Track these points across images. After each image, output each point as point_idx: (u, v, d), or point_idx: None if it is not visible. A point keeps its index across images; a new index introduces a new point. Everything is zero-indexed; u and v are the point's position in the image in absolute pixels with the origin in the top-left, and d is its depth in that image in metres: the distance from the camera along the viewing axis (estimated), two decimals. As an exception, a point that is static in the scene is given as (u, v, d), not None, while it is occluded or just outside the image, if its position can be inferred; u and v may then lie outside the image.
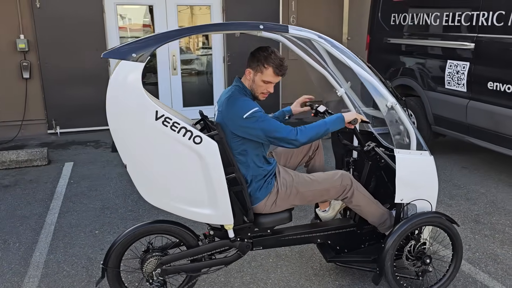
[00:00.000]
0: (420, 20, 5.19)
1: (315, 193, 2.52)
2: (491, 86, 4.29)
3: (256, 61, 2.36)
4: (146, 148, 2.15)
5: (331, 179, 2.52)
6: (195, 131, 2.16)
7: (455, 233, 2.57)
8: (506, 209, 3.85)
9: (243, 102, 2.30)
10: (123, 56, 2.02)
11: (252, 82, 2.40)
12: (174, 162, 2.19)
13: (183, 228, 2.47)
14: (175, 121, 2.12)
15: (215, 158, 2.21)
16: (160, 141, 2.14)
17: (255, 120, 2.26)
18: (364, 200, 2.57)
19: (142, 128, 2.11)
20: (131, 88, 2.04)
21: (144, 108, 2.08)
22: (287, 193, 2.46)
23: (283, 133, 2.27)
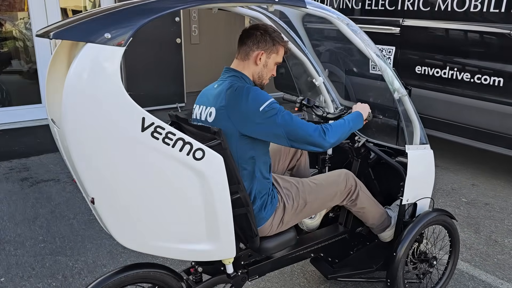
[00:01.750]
0: (344, 4, 5.08)
1: (323, 201, 2.11)
2: (418, 70, 4.37)
3: (270, 41, 1.90)
4: (125, 172, 1.48)
5: (337, 182, 2.15)
6: (196, 143, 1.56)
7: (455, 229, 2.43)
8: (444, 189, 3.97)
9: (256, 92, 1.77)
10: (90, 37, 1.32)
11: (264, 67, 1.93)
12: (166, 188, 1.57)
13: (164, 271, 1.84)
14: (169, 131, 1.49)
15: (220, 176, 1.64)
16: (147, 161, 1.49)
17: (274, 114, 1.75)
18: (368, 201, 2.26)
19: (120, 143, 1.43)
20: (106, 86, 1.35)
21: (126, 114, 1.41)
22: (294, 206, 2.01)
23: (309, 131, 1.79)
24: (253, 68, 1.92)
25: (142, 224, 1.58)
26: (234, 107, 1.76)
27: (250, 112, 1.74)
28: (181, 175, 1.56)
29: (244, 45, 1.90)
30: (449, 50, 4.12)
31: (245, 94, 1.76)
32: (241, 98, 1.76)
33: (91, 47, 1.32)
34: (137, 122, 1.42)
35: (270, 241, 2.00)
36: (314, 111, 2.41)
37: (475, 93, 3.95)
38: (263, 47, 1.89)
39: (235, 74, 1.90)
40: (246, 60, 1.91)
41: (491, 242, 3.09)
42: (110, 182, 1.47)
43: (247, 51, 1.90)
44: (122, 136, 1.42)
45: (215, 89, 1.88)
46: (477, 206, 3.64)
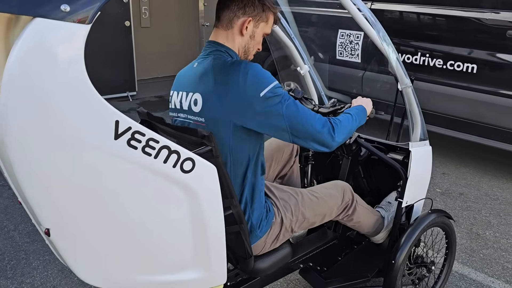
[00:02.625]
0: (304, -15, 4.80)
1: (320, 217, 1.84)
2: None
3: (260, 5, 1.53)
4: (93, 194, 1.11)
5: (334, 196, 1.88)
6: (184, 151, 1.21)
7: (452, 230, 2.27)
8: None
9: (256, 70, 1.40)
10: (40, 9, 0.93)
11: (251, 39, 1.56)
12: (145, 211, 1.22)
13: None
14: (152, 137, 1.13)
15: (213, 191, 1.31)
16: (122, 178, 1.13)
17: (278, 102, 1.40)
18: (365, 213, 2.03)
19: (87, 157, 1.06)
20: (63, 79, 0.97)
21: (93, 118, 1.03)
22: (293, 221, 1.71)
23: (318, 127, 1.46)
24: (239, 40, 1.54)
25: (113, 256, 1.23)
26: (227, 90, 1.39)
27: (248, 97, 1.38)
28: (165, 193, 1.22)
29: (227, 9, 1.51)
30: (419, 35, 3.98)
31: (242, 72, 1.39)
32: (237, 78, 1.38)
33: (41, 24, 0.93)
34: (108, 127, 1.06)
35: (264, 261, 1.70)
36: (304, 104, 2.12)
37: (446, 80, 3.86)
38: (250, 12, 1.51)
39: (219, 49, 1.51)
40: (229, 29, 1.52)
41: (473, 235, 3.00)
42: (70, 208, 1.10)
43: (230, 18, 1.51)
44: (87, 146, 1.05)
45: (195, 68, 1.51)
46: (452, 197, 3.56)
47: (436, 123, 4.02)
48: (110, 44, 5.90)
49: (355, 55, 4.44)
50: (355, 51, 4.43)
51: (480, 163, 4.23)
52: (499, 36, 3.49)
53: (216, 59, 1.47)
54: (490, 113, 3.68)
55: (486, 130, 3.73)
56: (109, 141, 1.06)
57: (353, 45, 4.43)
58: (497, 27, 3.52)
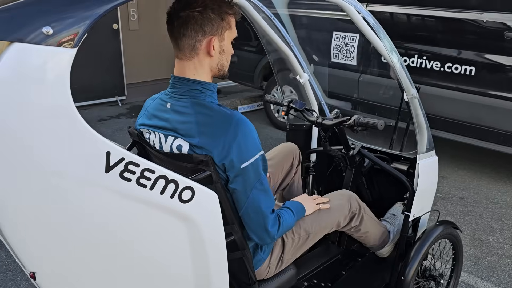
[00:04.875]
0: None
1: (325, 230, 1.74)
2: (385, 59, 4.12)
3: (217, 17, 1.30)
4: (84, 233, 1.00)
5: (340, 206, 1.78)
6: (181, 179, 1.11)
7: (459, 241, 2.19)
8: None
9: (245, 136, 1.26)
10: (18, 32, 0.82)
11: (221, 55, 1.35)
12: (142, 246, 1.11)
13: None
14: (147, 167, 1.03)
15: (215, 219, 1.21)
16: (114, 213, 1.02)
17: (253, 174, 1.28)
18: (372, 224, 1.93)
19: (74, 193, 0.95)
20: (47, 109, 0.87)
21: (81, 150, 0.93)
22: (295, 240, 1.61)
23: (268, 225, 1.35)
24: (208, 63, 1.33)
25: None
26: (223, 150, 1.24)
27: (232, 162, 1.25)
28: (163, 226, 1.11)
29: (184, 37, 1.28)
30: (416, 37, 3.91)
31: (231, 134, 1.24)
32: (225, 137, 1.24)
33: (19, 49, 0.82)
34: (98, 159, 0.95)
35: (269, 285, 1.60)
36: (306, 116, 2.02)
37: (444, 82, 3.79)
38: (210, 30, 1.29)
39: (193, 87, 1.31)
40: (194, 58, 1.31)
41: (476, 242, 2.94)
42: (59, 250, 0.99)
43: (191, 45, 1.29)
44: (74, 182, 0.94)
45: (171, 111, 1.33)
46: (452, 201, 3.49)
47: (433, 126, 3.96)
48: (98, 48, 5.75)
49: (351, 58, 4.36)
50: (350, 54, 4.35)
51: (477, 165, 4.18)
52: (497, 38, 3.43)
53: (196, 104, 1.29)
54: (488, 116, 3.62)
55: (484, 133, 3.67)
56: (99, 175, 0.95)
57: (349, 48, 4.34)
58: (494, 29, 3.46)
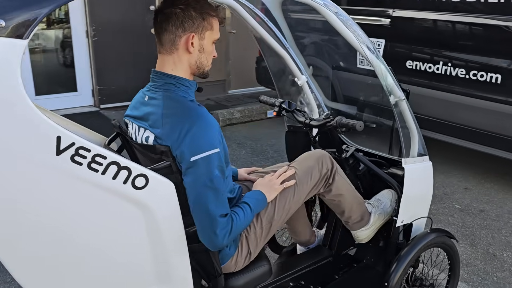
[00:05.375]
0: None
1: (294, 207, 1.71)
2: (410, 65, 4.05)
3: (198, 16, 1.39)
4: (37, 210, 1.10)
5: (310, 171, 1.73)
6: (136, 167, 1.19)
7: (455, 251, 2.12)
8: (436, 194, 3.67)
9: (200, 130, 1.32)
10: (-27, 26, 0.94)
11: (200, 53, 1.44)
12: (96, 227, 1.20)
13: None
14: (98, 153, 1.12)
15: (170, 207, 1.28)
16: (67, 194, 1.12)
17: (203, 170, 1.32)
18: (346, 187, 1.86)
19: (29, 172, 1.06)
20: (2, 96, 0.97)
21: (33, 132, 1.03)
22: (257, 233, 1.63)
23: (217, 229, 1.34)
24: (187, 59, 1.43)
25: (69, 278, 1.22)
26: (176, 141, 1.32)
27: (184, 155, 1.31)
28: (117, 210, 1.20)
29: (166, 32, 1.39)
30: (442, 43, 3.80)
31: (186, 128, 1.31)
32: (181, 132, 1.31)
33: (-26, 40, 0.94)
34: (49, 142, 1.05)
35: (238, 279, 1.64)
36: (296, 117, 2.05)
37: (471, 91, 3.65)
38: (190, 27, 1.39)
39: (168, 81, 1.41)
40: (174, 52, 1.41)
41: (489, 256, 2.81)
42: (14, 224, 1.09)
43: (172, 40, 1.39)
44: (27, 163, 1.04)
45: (147, 103, 1.44)
46: (471, 214, 3.35)
47: (459, 136, 3.81)
48: (135, 52, 6.02)
49: (375, 63, 4.29)
50: (375, 59, 4.28)
51: (507, 178, 3.98)
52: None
53: (167, 98, 1.39)
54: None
55: (512, 144, 3.50)
56: (50, 157, 1.05)
57: (373, 53, 4.29)
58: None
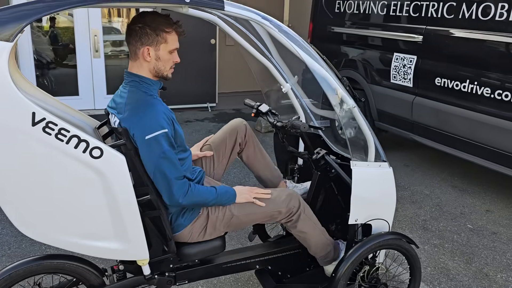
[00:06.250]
0: (366, 9, 4.86)
1: (255, 218, 2.03)
2: (438, 82, 4.06)
3: (151, 33, 1.74)
4: (19, 165, 1.53)
5: (276, 202, 2.03)
6: (93, 141, 1.57)
7: (414, 256, 2.23)
8: (452, 213, 3.65)
9: (150, 115, 1.69)
10: (-22, 32, 1.38)
11: (157, 61, 1.79)
12: (63, 183, 1.59)
13: (81, 264, 1.87)
14: (63, 127, 1.52)
15: (121, 176, 1.64)
16: (41, 155, 1.53)
17: (155, 146, 1.69)
18: (310, 226, 2.12)
19: (12, 137, 1.48)
20: (-9, 81, 1.41)
21: (14, 109, 1.45)
22: (219, 218, 1.94)
23: (173, 178, 1.72)
24: (147, 66, 1.79)
25: (41, 216, 1.63)
26: (132, 123, 1.70)
27: (139, 134, 1.69)
28: (76, 172, 1.58)
29: (130, 44, 1.77)
30: (471, 61, 3.78)
31: (140, 114, 1.69)
32: (136, 116, 1.70)
33: (-23, 41, 1.38)
34: (27, 116, 1.47)
35: (190, 248, 1.96)
36: (267, 119, 2.32)
37: (498, 111, 3.58)
38: (146, 41, 1.74)
39: (134, 79, 1.79)
40: (137, 60, 1.79)
41: (480, 275, 2.79)
42: (2, 173, 1.52)
43: (134, 50, 1.77)
44: (12, 129, 1.47)
45: (120, 96, 1.82)
46: (481, 235, 3.31)
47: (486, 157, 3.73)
48: (196, 60, 6.61)
49: (407, 80, 4.36)
50: (407, 75, 4.35)
51: (537, 204, 3.81)
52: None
53: (131, 92, 1.77)
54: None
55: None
56: (27, 127, 1.47)
57: (406, 69, 4.35)
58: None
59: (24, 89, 1.75)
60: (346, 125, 2.07)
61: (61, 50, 6.40)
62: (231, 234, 3.14)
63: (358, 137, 2.11)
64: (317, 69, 1.88)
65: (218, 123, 6.17)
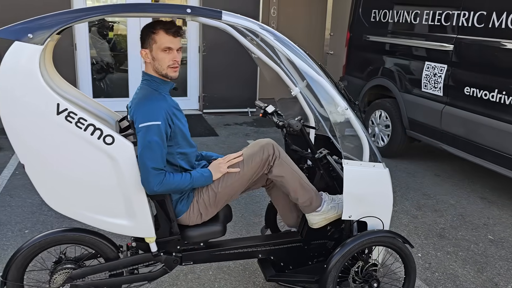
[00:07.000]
0: (400, 18, 4.90)
1: (239, 184, 2.16)
2: (467, 92, 4.03)
3: (144, 37, 2.02)
4: (47, 147, 1.83)
5: (251, 159, 2.15)
6: (106, 130, 1.85)
7: (408, 255, 2.30)
8: (474, 223, 3.61)
9: (146, 108, 1.94)
10: (17, 36, 1.70)
11: (154, 60, 2.03)
12: (82, 164, 1.88)
13: (100, 238, 2.16)
14: (81, 116, 1.81)
15: (130, 162, 1.90)
16: (63, 140, 1.83)
17: (143, 137, 1.91)
18: (287, 171, 2.21)
19: (40, 123, 1.79)
20: (25, 76, 1.72)
21: (42, 100, 1.76)
22: (205, 200, 2.14)
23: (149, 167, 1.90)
24: (150, 66, 2.05)
25: (63, 192, 1.93)
26: (134, 113, 1.97)
27: (136, 123, 1.94)
28: (92, 155, 1.87)
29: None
30: (500, 71, 3.73)
31: (140, 105, 1.96)
32: (138, 107, 1.96)
33: (17, 44, 1.70)
34: (52, 106, 1.77)
35: (192, 230, 2.18)
36: (272, 119, 2.50)
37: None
38: (142, 45, 2.04)
39: (146, 78, 2.08)
40: (145, 61, 2.08)
41: (489, 284, 2.78)
42: (34, 153, 1.84)
43: (141, 54, 2.07)
44: (41, 117, 1.78)
45: (136, 93, 2.10)
46: (500, 246, 3.26)
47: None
48: (238, 66, 6.92)
49: (438, 88, 4.35)
50: (437, 84, 4.35)
51: None
52: None
53: (142, 88, 2.06)
54: None
55: None
56: (53, 115, 1.77)
57: (436, 78, 4.35)
58: None
59: (58, 85, 2.08)
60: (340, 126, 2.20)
61: (119, 56, 6.97)
62: (239, 224, 3.33)
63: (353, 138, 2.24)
64: (309, 73, 2.04)
65: (255, 127, 6.41)
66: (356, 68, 5.64)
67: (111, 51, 6.98)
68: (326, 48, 7.60)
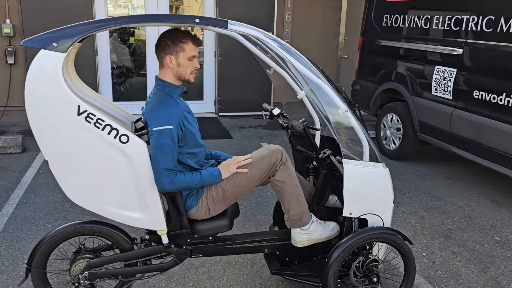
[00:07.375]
0: (411, 23, 4.98)
1: (246, 184, 2.29)
2: (476, 95, 4.08)
3: (171, 44, 2.15)
4: (68, 145, 2.01)
5: (260, 162, 2.28)
6: (122, 129, 2.01)
7: (407, 252, 2.40)
8: (481, 225, 3.66)
9: (161, 112, 2.09)
10: (43, 45, 1.88)
11: (178, 67, 2.17)
12: (100, 161, 2.05)
13: (116, 230, 2.33)
14: (99, 117, 1.98)
15: (143, 159, 2.06)
16: (83, 138, 2.00)
17: (156, 140, 2.05)
18: (288, 177, 2.32)
19: (63, 123, 1.97)
20: (49, 80, 1.90)
21: (65, 102, 1.94)
22: (214, 196, 2.28)
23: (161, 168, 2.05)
24: (170, 71, 2.18)
25: (82, 186, 2.10)
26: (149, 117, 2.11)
27: (150, 126, 2.08)
28: (109, 153, 2.03)
29: (157, 55, 2.20)
30: (508, 75, 3.78)
31: (155, 110, 2.10)
32: (153, 112, 2.11)
33: (42, 52, 1.89)
34: (73, 108, 1.95)
35: (201, 224, 2.33)
36: (278, 120, 2.64)
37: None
38: (168, 51, 2.15)
39: (159, 83, 2.21)
40: (163, 68, 2.20)
41: (492, 283, 2.84)
42: (56, 150, 2.02)
43: (160, 60, 2.19)
44: (63, 117, 1.96)
45: (149, 97, 2.25)
46: (506, 247, 3.30)
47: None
48: (252, 71, 7.06)
49: (447, 92, 4.41)
50: (447, 88, 4.41)
51: None
52: None
53: (156, 93, 2.19)
54: None
55: None
56: (74, 116, 1.95)
57: (446, 82, 4.41)
58: None
59: (79, 88, 2.26)
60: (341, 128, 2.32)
61: (138, 61, 7.22)
62: (249, 221, 3.46)
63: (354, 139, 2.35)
64: (311, 78, 2.17)
65: (269, 130, 6.55)
66: (368, 72, 5.72)
67: (131, 56, 7.23)
68: (340, 52, 7.69)
